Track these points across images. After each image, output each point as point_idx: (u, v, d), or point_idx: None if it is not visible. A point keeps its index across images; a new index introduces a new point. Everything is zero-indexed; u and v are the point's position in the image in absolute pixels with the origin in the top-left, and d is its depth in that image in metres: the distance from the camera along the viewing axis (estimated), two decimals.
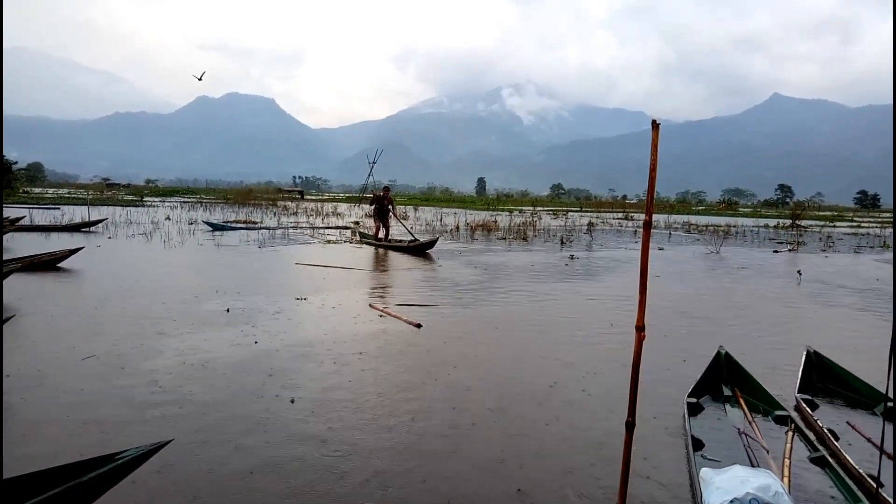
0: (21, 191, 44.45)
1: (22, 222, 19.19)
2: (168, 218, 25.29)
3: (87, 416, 4.09)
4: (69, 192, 52.81)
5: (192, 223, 22.93)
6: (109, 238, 16.67)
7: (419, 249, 14.96)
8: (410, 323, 7.34)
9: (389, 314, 7.77)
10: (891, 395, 4.08)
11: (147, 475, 3.18)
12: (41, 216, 22.95)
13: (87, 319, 6.95)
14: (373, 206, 17.48)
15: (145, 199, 47.09)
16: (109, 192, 57.24)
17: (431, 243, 15.16)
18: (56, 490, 2.30)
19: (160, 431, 3.83)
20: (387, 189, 17.90)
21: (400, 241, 16.44)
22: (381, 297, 8.99)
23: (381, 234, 17.11)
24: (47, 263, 10.81)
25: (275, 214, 31.42)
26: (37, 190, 55.54)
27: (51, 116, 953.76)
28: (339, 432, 3.97)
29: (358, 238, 18.55)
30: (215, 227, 21.18)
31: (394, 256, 14.55)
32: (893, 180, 1.93)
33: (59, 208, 29.04)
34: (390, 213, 17.33)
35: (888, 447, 3.69)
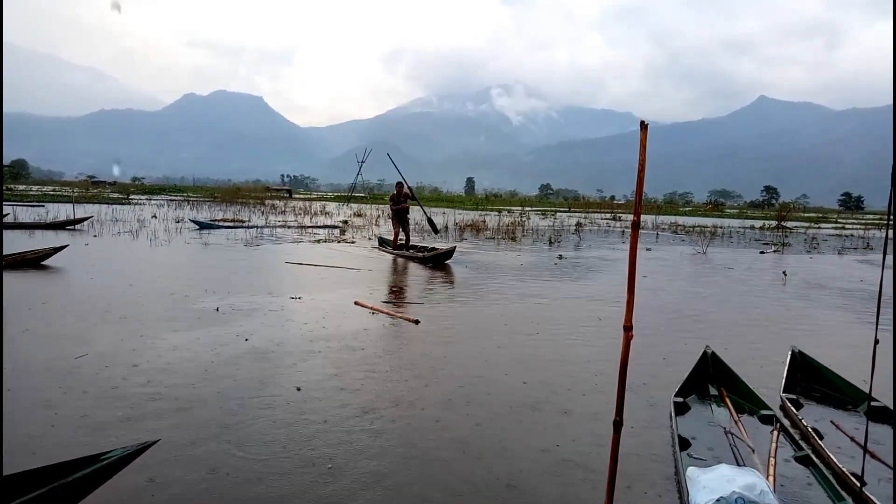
0: (4, 188, 43.87)
1: (5, 220, 18.94)
2: (154, 216, 25.06)
3: (78, 416, 4.04)
4: (54, 190, 52.20)
5: (178, 222, 22.73)
6: (95, 236, 16.50)
7: (437, 260, 13.29)
8: (408, 319, 7.38)
9: (382, 311, 7.77)
10: (874, 395, 4.13)
11: (133, 476, 3.14)
12: (25, 214, 22.67)
13: (74, 318, 6.87)
14: (391, 209, 15.31)
15: (131, 197, 46.60)
16: (95, 190, 56.54)
17: (449, 253, 13.39)
18: (39, 491, 2.27)
19: (149, 431, 3.79)
20: (400, 185, 15.54)
21: (423, 248, 14.85)
22: (371, 294, 8.92)
23: (402, 241, 15.19)
24: (31, 261, 10.68)
25: (263, 213, 31.23)
26: (21, 187, 54.93)
27: (35, 113, 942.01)
28: (334, 429, 3.95)
29: (377, 245, 16.43)
30: (202, 226, 21.01)
31: (386, 256, 14.51)
32: (892, 182, 1.95)
33: (43, 206, 28.71)
34: (409, 216, 15.48)
35: (871, 446, 3.74)
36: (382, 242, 16.38)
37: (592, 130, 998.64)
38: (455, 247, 13.57)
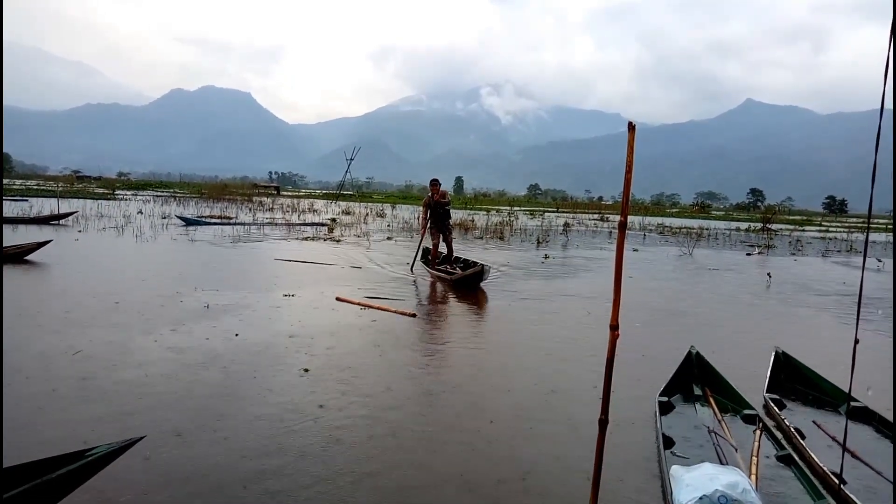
0: None
1: None
2: (140, 212, 24.86)
3: (69, 411, 4.01)
4: (38, 184, 51.68)
5: (165, 218, 22.56)
6: (80, 231, 16.33)
7: (466, 283, 10.25)
8: (404, 313, 7.47)
9: (373, 307, 7.77)
10: (854, 394, 4.19)
11: (118, 472, 3.11)
12: (8, 208, 22.41)
13: (65, 315, 6.78)
14: (426, 214, 11.81)
15: (117, 192, 46.19)
16: (80, 185, 56.07)
17: (479, 274, 10.12)
18: (22, 488, 2.25)
19: (136, 427, 3.76)
20: (436, 184, 11.72)
21: (464, 262, 11.96)
22: (359, 290, 8.88)
23: (442, 252, 12.08)
24: (14, 256, 10.55)
25: (250, 210, 31.06)
26: (4, 181, 54.14)
27: (20, 106, 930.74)
28: (323, 426, 3.95)
29: (417, 261, 12.52)
30: (189, 222, 20.85)
31: (375, 253, 14.45)
32: (894, 185, 1.97)
33: (27, 200, 28.37)
34: (449, 221, 11.87)
35: (851, 446, 3.80)
36: (425, 255, 12.45)
37: (581, 131, 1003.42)
38: (482, 266, 10.25)
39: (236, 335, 6.14)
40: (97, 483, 2.72)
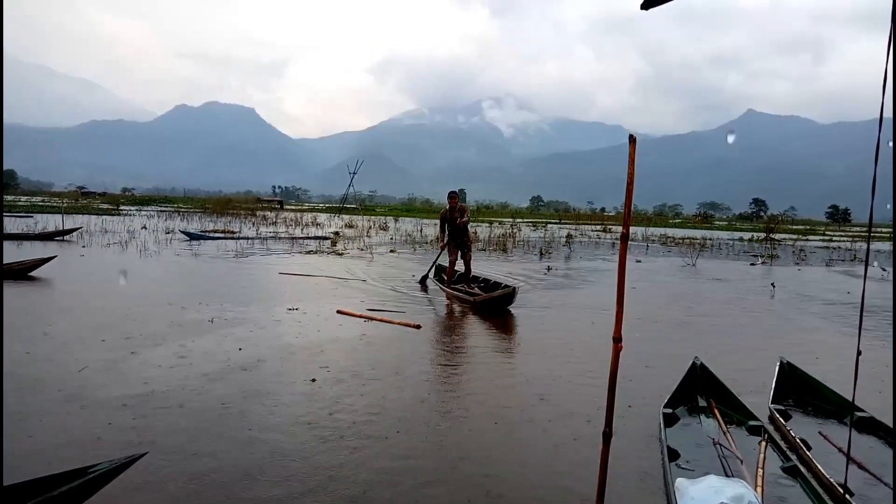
0: None
1: None
2: (145, 227, 24.96)
3: (69, 428, 4.00)
4: (43, 200, 51.92)
5: (169, 233, 22.63)
6: (84, 247, 16.39)
7: (491, 307, 9.16)
8: (408, 325, 7.49)
9: (375, 319, 7.78)
10: (859, 404, 4.17)
11: (120, 489, 3.10)
12: (13, 224, 22.49)
13: (65, 330, 6.80)
14: (442, 229, 10.96)
15: (121, 207, 46.41)
16: (84, 201, 56.36)
17: (508, 296, 9.08)
18: None
19: (140, 442, 3.75)
20: (454, 197, 10.89)
21: (485, 280, 11.19)
22: (362, 302, 8.87)
23: (459, 270, 11.06)
24: (18, 272, 10.57)
25: (254, 224, 31.15)
26: (9, 198, 54.49)
27: (24, 123, 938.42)
28: (332, 436, 3.94)
29: (430, 277, 11.78)
30: (193, 237, 20.92)
31: (378, 267, 14.46)
32: (894, 194, 1.97)
33: (31, 216, 28.51)
34: (468, 237, 11.06)
35: (858, 456, 3.77)
36: (440, 272, 11.89)
37: (583, 143, 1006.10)
38: (514, 288, 9.23)
39: (240, 349, 6.14)
40: (99, 500, 2.71)
